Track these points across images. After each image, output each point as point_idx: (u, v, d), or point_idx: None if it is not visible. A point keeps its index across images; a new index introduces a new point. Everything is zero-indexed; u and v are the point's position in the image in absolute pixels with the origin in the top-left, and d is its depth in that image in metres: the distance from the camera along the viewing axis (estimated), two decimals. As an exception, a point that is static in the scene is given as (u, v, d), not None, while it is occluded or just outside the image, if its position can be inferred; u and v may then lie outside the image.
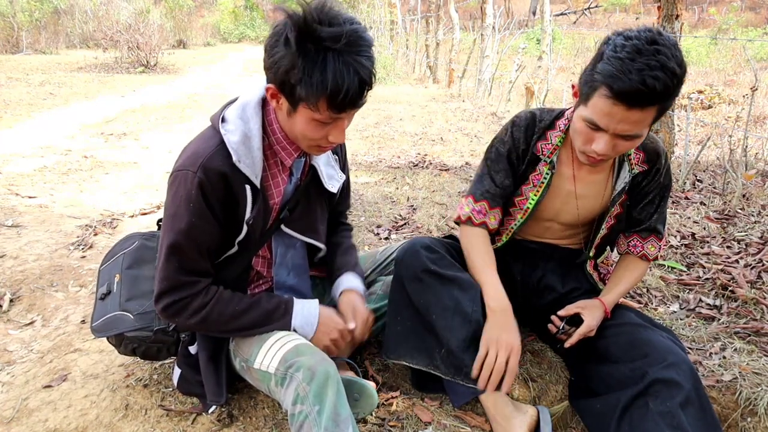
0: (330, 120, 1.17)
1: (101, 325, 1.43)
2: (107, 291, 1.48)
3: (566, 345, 1.50)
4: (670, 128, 4.02)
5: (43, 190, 3.47)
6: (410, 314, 1.49)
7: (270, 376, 1.25)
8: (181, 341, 1.42)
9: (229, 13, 27.13)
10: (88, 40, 15.77)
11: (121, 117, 6.29)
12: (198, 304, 1.27)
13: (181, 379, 1.45)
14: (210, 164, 1.21)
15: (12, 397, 1.51)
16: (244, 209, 1.27)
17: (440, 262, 1.49)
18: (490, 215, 1.55)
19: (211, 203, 1.22)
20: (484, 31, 8.67)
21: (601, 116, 1.24)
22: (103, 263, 1.56)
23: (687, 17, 4.07)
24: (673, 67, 1.16)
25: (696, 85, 8.93)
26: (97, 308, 1.48)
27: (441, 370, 1.43)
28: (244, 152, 1.23)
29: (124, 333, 1.41)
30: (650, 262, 1.60)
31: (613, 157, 1.37)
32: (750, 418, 1.52)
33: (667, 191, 1.54)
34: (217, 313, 1.28)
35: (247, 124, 1.25)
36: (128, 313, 1.42)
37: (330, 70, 1.08)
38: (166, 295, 1.26)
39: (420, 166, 4.42)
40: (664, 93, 1.17)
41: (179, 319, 1.28)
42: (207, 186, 1.20)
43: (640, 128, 1.24)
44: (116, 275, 1.49)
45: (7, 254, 2.40)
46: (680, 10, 3.79)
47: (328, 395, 1.15)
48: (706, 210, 3.13)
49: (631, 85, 1.16)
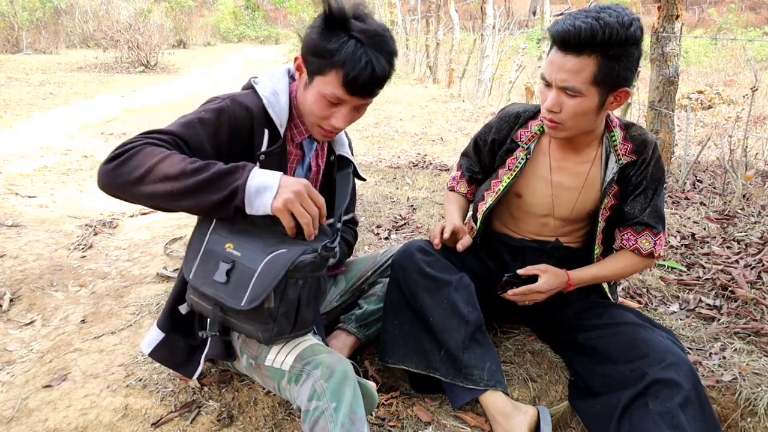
0: (336, 101, 1.26)
1: (258, 283, 1.13)
2: (231, 263, 1.17)
3: (504, 294, 1.52)
4: (670, 128, 4.02)
5: (43, 190, 3.47)
6: (407, 317, 1.49)
7: (283, 373, 1.24)
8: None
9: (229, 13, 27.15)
10: (88, 39, 15.78)
11: (121, 117, 6.29)
12: (147, 152, 1.10)
13: (162, 345, 1.39)
14: (240, 98, 1.29)
15: (12, 396, 1.51)
16: (258, 147, 1.30)
17: (435, 265, 1.49)
18: (460, 184, 1.76)
19: (221, 125, 1.25)
20: (484, 31, 8.67)
21: (547, 66, 1.35)
22: (188, 260, 1.26)
23: (687, 17, 4.08)
24: (609, 20, 1.23)
25: (696, 85, 8.93)
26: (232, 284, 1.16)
27: (440, 373, 1.43)
28: (274, 101, 1.32)
29: (297, 264, 1.12)
30: (645, 258, 1.54)
31: (566, 120, 1.37)
32: (750, 418, 1.52)
33: (659, 185, 1.52)
34: (167, 167, 1.09)
35: (276, 84, 1.35)
36: (278, 250, 1.15)
37: (350, 51, 1.19)
38: (117, 148, 1.12)
39: (420, 166, 4.42)
40: (591, 39, 1.24)
41: (124, 169, 1.10)
42: (226, 114, 1.25)
43: (578, 79, 1.29)
44: (226, 245, 1.19)
45: (7, 254, 2.40)
46: (680, 11, 3.79)
47: (346, 393, 1.15)
48: (706, 210, 3.13)
49: (562, 27, 1.27)
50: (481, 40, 8.74)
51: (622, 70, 1.29)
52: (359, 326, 1.63)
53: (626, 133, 1.50)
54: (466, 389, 1.41)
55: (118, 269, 2.32)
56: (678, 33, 3.81)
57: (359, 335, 1.62)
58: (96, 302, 2.04)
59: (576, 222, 1.61)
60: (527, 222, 1.65)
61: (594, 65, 1.27)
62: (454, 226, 1.53)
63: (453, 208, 1.68)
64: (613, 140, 1.49)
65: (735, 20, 14.51)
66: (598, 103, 1.34)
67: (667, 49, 3.87)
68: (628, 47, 1.27)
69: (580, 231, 1.64)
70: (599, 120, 1.44)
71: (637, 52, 1.30)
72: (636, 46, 1.29)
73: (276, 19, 32.14)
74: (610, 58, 1.26)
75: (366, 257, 1.77)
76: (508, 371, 1.60)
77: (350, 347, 1.61)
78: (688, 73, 10.61)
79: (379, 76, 1.23)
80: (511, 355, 1.69)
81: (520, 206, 1.63)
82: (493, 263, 1.69)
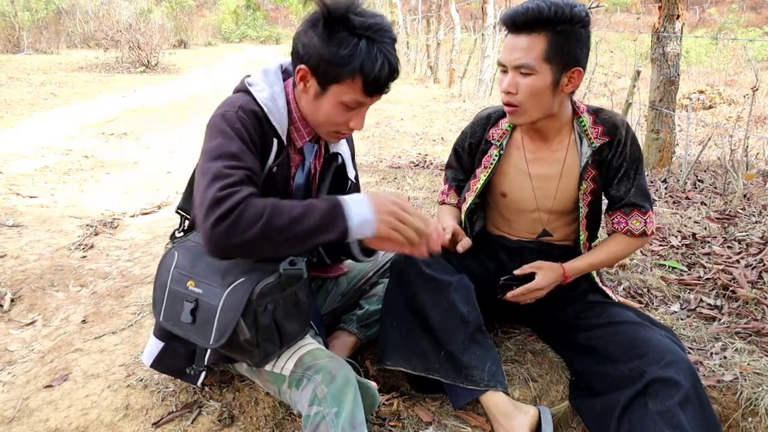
0: (356, 105, 1.22)
1: (222, 319, 1.13)
2: (194, 302, 1.17)
3: (506, 297, 1.54)
4: (671, 128, 4.02)
5: (43, 190, 3.48)
6: (406, 319, 1.49)
7: (284, 378, 1.24)
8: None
9: (230, 13, 27.15)
10: (89, 39, 15.79)
11: (122, 117, 6.29)
12: (254, 211, 1.05)
13: (163, 354, 1.37)
14: (248, 107, 1.23)
15: (13, 396, 1.51)
16: (268, 156, 1.26)
17: (435, 266, 1.50)
18: (450, 196, 1.79)
19: (252, 135, 1.20)
20: (485, 31, 8.67)
21: (503, 52, 1.43)
22: (157, 302, 1.27)
23: (687, 17, 4.07)
24: (556, 1, 1.33)
25: (697, 85, 8.92)
26: (198, 324, 1.17)
27: (440, 374, 1.43)
28: (273, 108, 1.26)
29: (257, 292, 1.11)
30: (638, 238, 1.55)
31: (523, 101, 1.42)
32: (751, 418, 1.52)
33: (639, 163, 1.54)
34: (276, 221, 1.06)
35: (272, 86, 1.28)
36: (237, 281, 1.14)
37: (364, 53, 1.15)
38: (215, 206, 1.04)
39: (421, 166, 4.42)
40: (538, 16, 1.33)
41: (235, 232, 1.04)
42: (247, 121, 1.20)
43: (530, 56, 1.36)
44: (188, 283, 1.20)
45: (8, 254, 2.40)
46: (681, 10, 3.79)
47: (347, 398, 1.15)
48: (707, 210, 3.13)
49: (513, 11, 1.37)
50: (482, 40, 8.74)
51: (571, 48, 1.36)
52: (360, 326, 1.63)
53: (595, 117, 1.54)
54: (467, 390, 1.41)
55: (119, 269, 2.32)
56: (679, 33, 3.81)
57: (360, 335, 1.62)
58: (97, 302, 2.04)
59: (564, 214, 1.61)
60: (518, 221, 1.66)
61: (544, 41, 1.35)
62: (453, 228, 1.53)
63: (448, 218, 1.70)
64: (583, 125, 1.52)
65: (736, 20, 14.51)
66: (552, 82, 1.39)
67: (667, 49, 3.87)
68: (574, 26, 1.35)
69: (572, 225, 1.64)
70: (557, 103, 1.45)
71: (585, 32, 1.38)
72: (582, 25, 1.37)
73: (277, 19, 32.16)
74: (558, 35, 1.34)
75: (367, 258, 1.77)
76: (508, 371, 1.60)
77: (351, 347, 1.61)
78: (688, 73, 10.60)
79: (395, 69, 1.21)
80: (512, 355, 1.69)
81: (507, 206, 1.65)
82: (491, 264, 1.69)
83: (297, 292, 1.21)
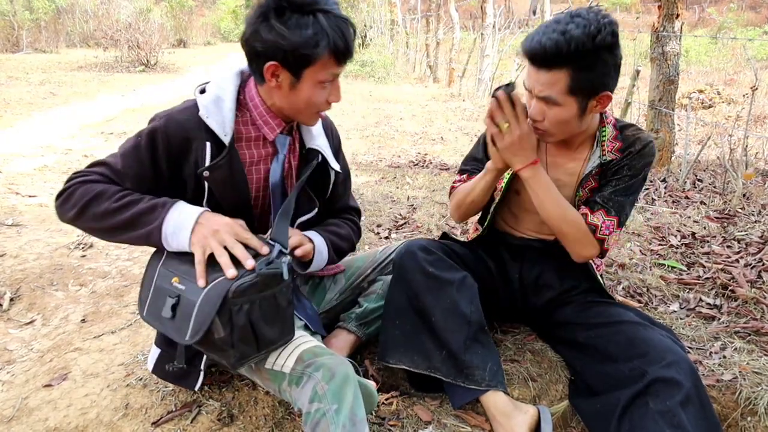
0: (331, 77, 1.26)
1: (198, 316, 1.12)
2: (176, 298, 1.18)
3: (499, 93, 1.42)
4: (671, 127, 4.02)
5: (43, 189, 3.47)
6: (408, 317, 1.49)
7: (284, 375, 1.24)
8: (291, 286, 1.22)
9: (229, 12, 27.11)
10: (88, 39, 15.75)
11: (122, 116, 6.29)
12: (79, 195, 1.21)
13: (161, 361, 1.39)
14: (176, 115, 1.28)
15: (12, 396, 1.51)
16: (201, 163, 1.28)
17: (437, 264, 1.49)
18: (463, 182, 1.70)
19: (156, 154, 1.26)
20: (485, 31, 8.67)
21: (526, 77, 1.37)
22: (143, 298, 1.27)
23: (687, 16, 4.08)
24: (575, 33, 1.23)
25: (696, 84, 8.93)
26: (177, 319, 1.17)
27: (441, 372, 1.43)
28: (214, 110, 1.28)
29: (233, 290, 1.11)
30: (587, 229, 1.44)
31: (549, 128, 1.39)
32: (750, 417, 1.52)
33: (636, 180, 1.46)
34: (93, 208, 1.20)
35: (222, 90, 1.31)
36: (218, 278, 1.15)
37: (327, 26, 1.19)
38: (67, 182, 1.24)
39: (420, 166, 4.42)
40: (557, 54, 1.25)
41: (62, 210, 1.23)
42: (160, 135, 1.25)
43: (553, 90, 1.31)
44: (173, 279, 1.21)
45: (8, 253, 2.40)
46: (680, 10, 3.80)
47: (347, 395, 1.15)
48: (707, 209, 3.13)
49: (530, 45, 1.29)
50: (482, 40, 8.74)
51: (597, 77, 1.30)
52: (359, 324, 1.63)
53: (619, 132, 1.50)
54: (467, 389, 1.41)
55: (118, 268, 2.32)
56: (678, 32, 3.81)
57: (359, 333, 1.62)
58: (96, 301, 2.04)
59: None
60: (527, 219, 1.65)
61: (566, 77, 1.29)
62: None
63: (474, 179, 1.59)
64: (603, 135, 1.50)
65: (735, 19, 14.51)
66: (578, 111, 1.36)
67: (667, 48, 3.87)
68: (599, 55, 1.27)
69: None
70: (585, 123, 1.44)
71: (612, 57, 1.29)
72: (609, 51, 1.28)
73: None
74: (581, 69, 1.27)
75: (365, 255, 1.77)
76: (508, 370, 1.60)
77: (350, 346, 1.61)
78: (688, 73, 10.61)
79: (355, 29, 1.25)
80: (512, 355, 1.69)
81: (519, 203, 1.63)
82: (493, 263, 1.69)
83: (277, 295, 1.19)
